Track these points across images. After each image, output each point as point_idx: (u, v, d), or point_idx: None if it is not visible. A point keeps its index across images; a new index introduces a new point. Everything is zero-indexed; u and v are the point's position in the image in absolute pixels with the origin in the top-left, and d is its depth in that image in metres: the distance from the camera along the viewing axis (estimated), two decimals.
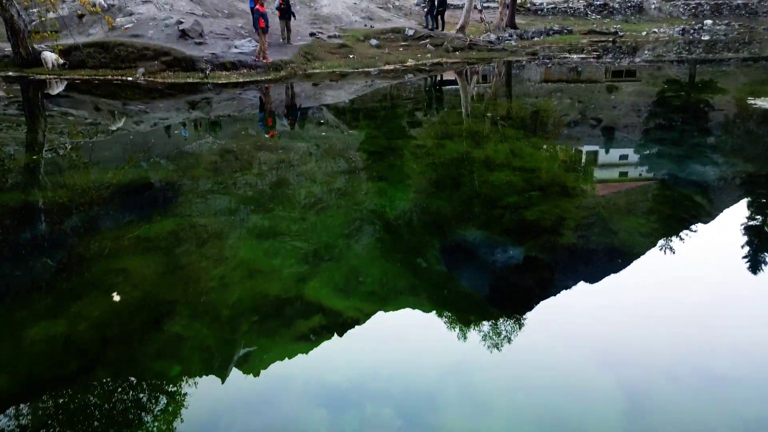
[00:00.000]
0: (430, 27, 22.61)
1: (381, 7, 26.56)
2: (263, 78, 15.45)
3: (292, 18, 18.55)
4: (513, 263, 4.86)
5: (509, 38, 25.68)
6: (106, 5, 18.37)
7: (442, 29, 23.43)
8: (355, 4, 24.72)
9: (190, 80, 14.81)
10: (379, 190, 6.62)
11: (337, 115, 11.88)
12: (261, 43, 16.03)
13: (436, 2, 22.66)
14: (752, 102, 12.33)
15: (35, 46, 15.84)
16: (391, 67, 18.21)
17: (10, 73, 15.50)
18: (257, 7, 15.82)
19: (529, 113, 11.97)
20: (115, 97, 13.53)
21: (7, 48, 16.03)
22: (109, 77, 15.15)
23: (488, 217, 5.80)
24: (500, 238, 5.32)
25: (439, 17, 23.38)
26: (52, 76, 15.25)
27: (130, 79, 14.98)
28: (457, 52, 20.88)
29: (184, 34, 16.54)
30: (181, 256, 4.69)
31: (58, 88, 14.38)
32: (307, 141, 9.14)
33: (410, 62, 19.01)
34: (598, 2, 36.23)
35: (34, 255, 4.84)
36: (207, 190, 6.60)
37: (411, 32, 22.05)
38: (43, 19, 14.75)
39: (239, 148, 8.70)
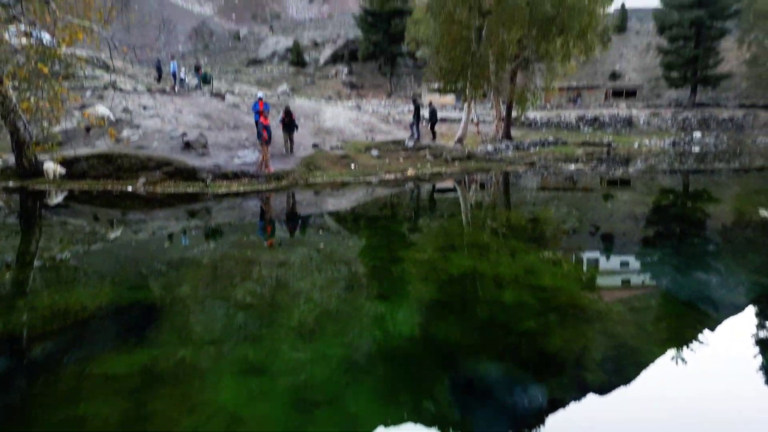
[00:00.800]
0: (415, 137, 23.02)
1: (382, 121, 27.46)
2: (264, 187, 15.37)
3: (295, 130, 18.93)
4: (536, 406, 4.16)
5: (506, 149, 26.28)
6: (114, 119, 18.83)
7: (434, 139, 24.00)
8: (357, 117, 25.55)
9: (190, 190, 14.70)
10: (381, 313, 6.01)
11: (337, 223, 11.56)
12: (263, 153, 16.16)
13: (421, 114, 23.23)
14: (749, 210, 12.22)
15: (38, 156, 15.95)
16: (392, 176, 18.28)
17: (11, 184, 15.45)
18: (261, 119, 16.13)
19: (531, 223, 11.65)
20: (114, 206, 13.33)
21: (11, 159, 16.14)
22: (109, 187, 15.06)
23: (503, 347, 5.15)
24: (519, 373, 4.64)
25: (431, 129, 24.00)
26: (52, 187, 15.17)
27: (130, 189, 14.88)
28: (456, 162, 21.15)
29: (188, 146, 16.73)
30: (149, 401, 3.99)
31: (57, 199, 14.22)
32: (305, 253, 8.68)
33: (410, 171, 19.14)
34: (590, 116, 37.69)
35: None
36: (191, 312, 6.00)
37: (411, 143, 22.50)
38: (45, 132, 14.93)
39: (234, 259, 8.22)
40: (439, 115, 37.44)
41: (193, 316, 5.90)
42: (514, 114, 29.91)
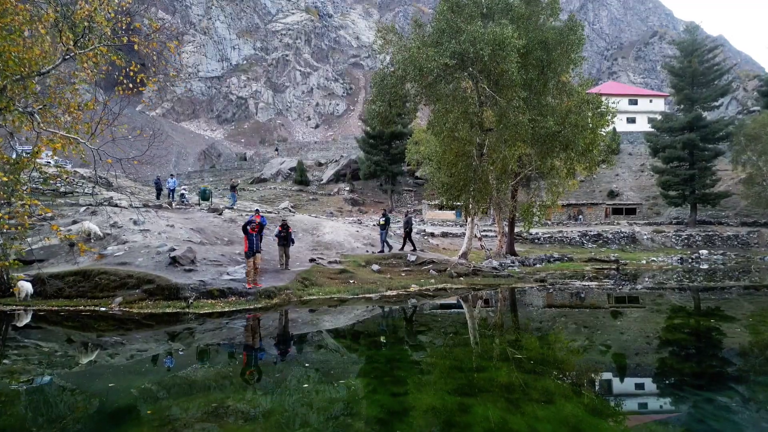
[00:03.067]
0: (386, 250, 21.79)
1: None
2: (252, 306, 13.69)
3: (291, 244, 17.67)
4: None
5: (512, 264, 24.86)
6: (101, 234, 17.64)
7: (413, 249, 22.74)
8: (357, 231, 24.46)
9: (169, 310, 13.00)
10: None
11: (328, 353, 9.78)
12: (248, 267, 14.69)
13: (389, 225, 22.45)
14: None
15: (8, 274, 14.47)
16: (394, 292, 16.67)
17: None
18: (250, 230, 14.92)
19: (559, 351, 9.88)
20: (87, 329, 11.75)
21: None
22: (81, 307, 13.39)
23: None
24: None
25: (407, 238, 22.90)
26: (18, 307, 13.50)
27: (103, 309, 13.21)
28: (462, 278, 19.62)
29: (174, 261, 15.34)
30: None
31: (24, 321, 12.53)
32: (281, 403, 6.81)
33: (413, 287, 17.56)
34: (593, 232, 36.77)
35: None
36: None
37: (413, 258, 21.16)
38: (6, 249, 13.43)
39: (206, 397, 6.40)
40: (441, 230, 36.85)
41: None
42: (518, 229, 28.91)
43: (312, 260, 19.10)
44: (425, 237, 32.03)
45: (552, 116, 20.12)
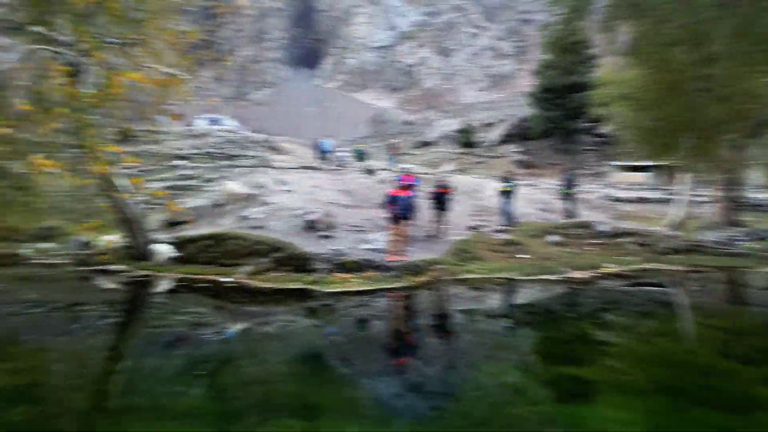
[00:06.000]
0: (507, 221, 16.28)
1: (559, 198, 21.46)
2: (392, 285, 10.54)
3: (448, 208, 14.19)
4: None
5: (741, 238, 18.23)
6: (244, 194, 16.01)
7: (572, 216, 17.45)
8: (529, 194, 20.01)
9: (292, 285, 10.46)
10: None
11: (509, 377, 6.10)
12: (391, 235, 11.51)
13: (515, 193, 16.62)
14: None
15: (151, 237, 13.31)
16: (583, 274, 12.22)
17: (121, 267, 12.82)
18: (395, 191, 11.71)
19: None
20: (221, 297, 10.27)
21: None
22: (209, 276, 11.55)
23: None
24: None
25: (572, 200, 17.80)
26: (151, 273, 12.14)
27: (229, 279, 11.19)
28: (674, 256, 14.24)
29: (310, 226, 12.89)
30: None
31: (162, 287, 11.09)
32: None
33: (607, 267, 12.89)
34: None
35: None
36: None
37: (604, 227, 16.18)
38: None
39: None
40: (632, 194, 30.13)
41: None
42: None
43: (472, 227, 15.43)
44: (613, 203, 26.12)
45: None
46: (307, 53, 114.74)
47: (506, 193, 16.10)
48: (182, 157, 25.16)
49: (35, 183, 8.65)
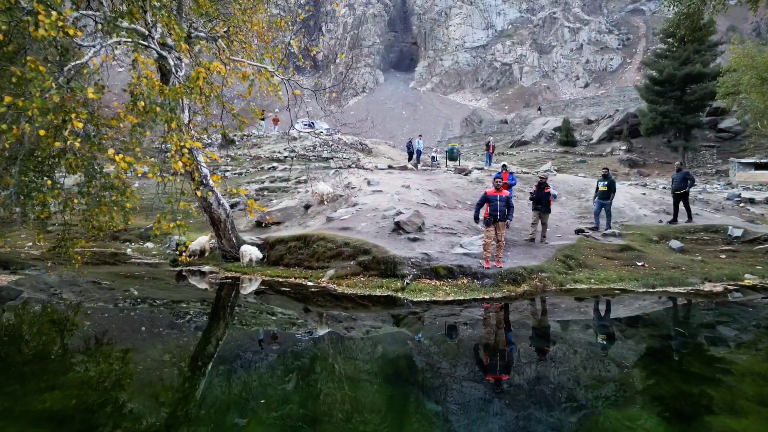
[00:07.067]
0: (599, 227, 13.98)
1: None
2: (488, 295, 9.33)
3: (550, 209, 12.67)
4: None
5: None
6: (334, 195, 15.50)
7: (689, 219, 14.67)
8: (643, 195, 17.74)
9: (378, 292, 9.59)
10: None
11: None
12: (487, 238, 10.25)
13: (614, 193, 14.15)
14: None
15: (241, 237, 13.14)
16: (716, 286, 10.21)
17: (205, 268, 12.77)
18: (492, 191, 10.47)
19: None
20: (307, 301, 9.72)
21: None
22: (292, 280, 11.04)
23: None
24: None
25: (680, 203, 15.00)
26: (239, 274, 11.89)
27: (311, 283, 10.60)
28: None
29: (398, 227, 11.99)
30: None
31: (249, 288, 10.83)
32: None
33: (748, 278, 10.70)
34: None
35: None
36: None
37: (738, 232, 13.75)
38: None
39: None
40: (765, 195, 26.11)
41: None
42: None
43: (579, 231, 13.71)
44: (741, 204, 22.66)
45: None
46: (402, 56, 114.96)
47: (605, 193, 14.07)
48: (277, 160, 25.49)
49: (126, 182, 8.48)
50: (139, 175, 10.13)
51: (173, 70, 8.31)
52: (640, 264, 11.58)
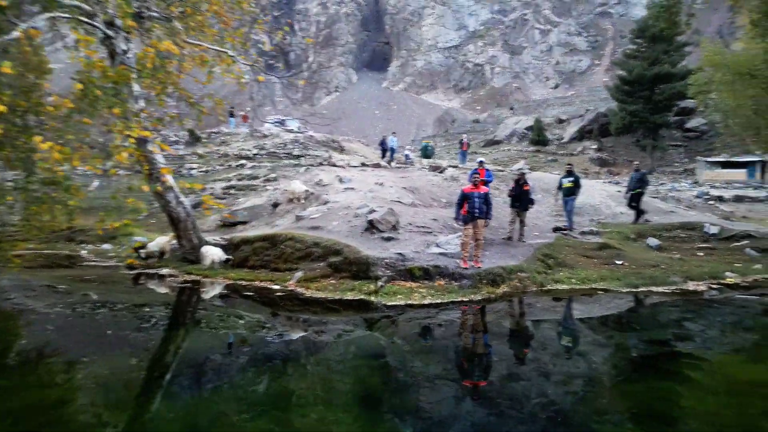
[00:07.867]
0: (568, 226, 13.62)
1: (655, 197, 18.73)
2: (467, 297, 8.75)
3: (529, 207, 12.19)
4: None
5: None
6: (306, 193, 14.74)
7: (637, 218, 14.57)
8: (619, 192, 17.49)
9: (349, 296, 8.91)
10: None
11: None
12: (464, 237, 9.68)
13: (579, 190, 13.65)
14: None
15: (203, 238, 12.27)
16: (698, 285, 9.88)
17: (160, 270, 11.83)
18: (469, 188, 9.93)
19: None
20: (274, 305, 9.03)
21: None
22: (257, 283, 10.27)
23: None
24: None
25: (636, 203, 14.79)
26: (200, 277, 11.03)
27: (276, 287, 9.86)
28: None
29: (372, 226, 11.32)
30: None
31: (210, 293, 10.01)
32: None
33: (729, 276, 10.41)
34: None
35: None
36: None
37: (714, 229, 13.55)
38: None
39: None
40: (730, 193, 26.38)
41: None
42: None
43: (557, 229, 13.31)
44: (710, 203, 22.80)
45: None
46: (375, 56, 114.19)
47: (570, 190, 13.53)
48: (246, 158, 24.54)
49: (68, 177, 7.58)
50: (90, 172, 9.25)
51: (119, 52, 7.46)
52: (619, 263, 11.19)
